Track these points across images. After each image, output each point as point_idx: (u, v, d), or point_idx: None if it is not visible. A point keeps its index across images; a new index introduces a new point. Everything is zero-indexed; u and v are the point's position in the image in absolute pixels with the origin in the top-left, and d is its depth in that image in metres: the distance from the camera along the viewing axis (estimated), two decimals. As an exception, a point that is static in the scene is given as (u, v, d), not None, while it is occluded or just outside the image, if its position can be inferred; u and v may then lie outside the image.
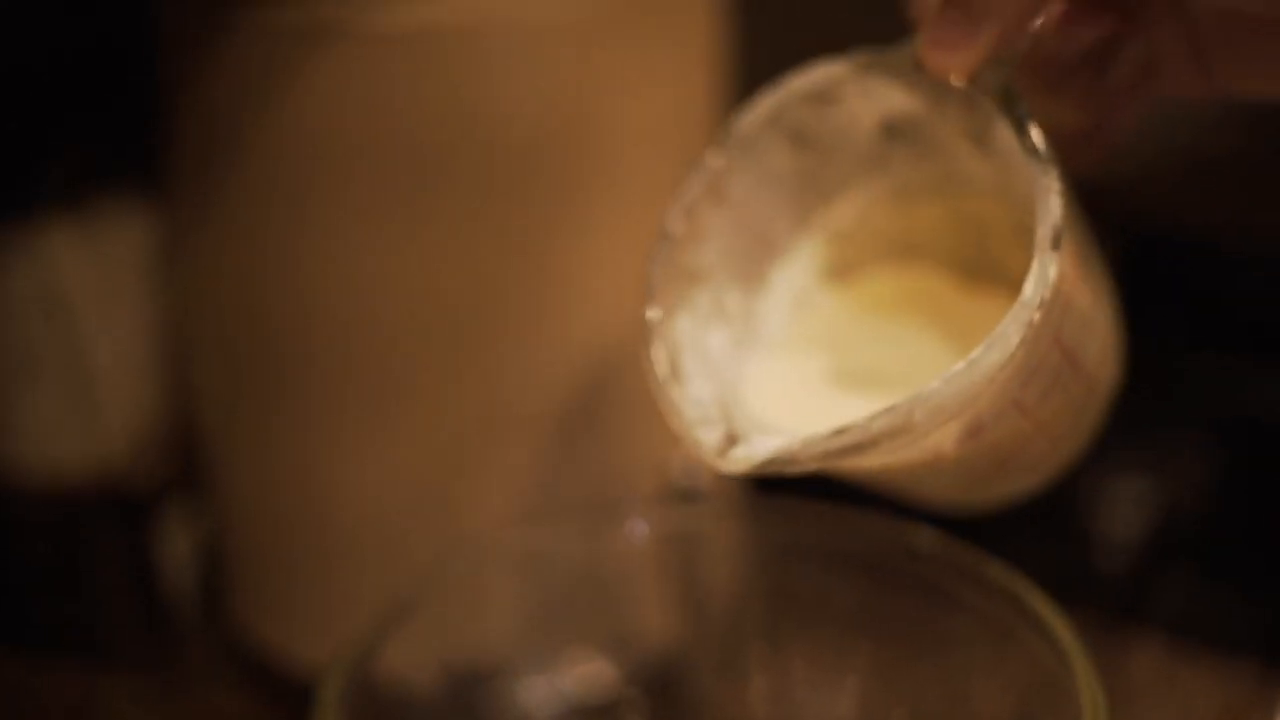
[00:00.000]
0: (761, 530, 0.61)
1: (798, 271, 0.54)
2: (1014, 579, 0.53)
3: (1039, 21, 0.49)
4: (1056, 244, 0.45)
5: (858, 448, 0.46)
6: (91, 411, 0.74)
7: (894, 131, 0.52)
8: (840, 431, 0.46)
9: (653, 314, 0.51)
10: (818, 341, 0.54)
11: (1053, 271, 0.45)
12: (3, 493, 0.75)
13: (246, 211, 0.65)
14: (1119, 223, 0.83)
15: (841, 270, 0.54)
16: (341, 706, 0.50)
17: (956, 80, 0.48)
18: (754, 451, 0.48)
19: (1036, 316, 0.45)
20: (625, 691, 0.65)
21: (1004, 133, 0.48)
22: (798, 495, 0.59)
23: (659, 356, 0.50)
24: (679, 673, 0.65)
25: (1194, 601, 0.76)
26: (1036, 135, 0.47)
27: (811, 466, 0.47)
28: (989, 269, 0.53)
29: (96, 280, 0.73)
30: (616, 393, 0.65)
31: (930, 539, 0.55)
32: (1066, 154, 0.48)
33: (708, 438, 0.49)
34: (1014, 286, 0.46)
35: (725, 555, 0.63)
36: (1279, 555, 0.76)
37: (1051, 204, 0.46)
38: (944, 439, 0.47)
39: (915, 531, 0.55)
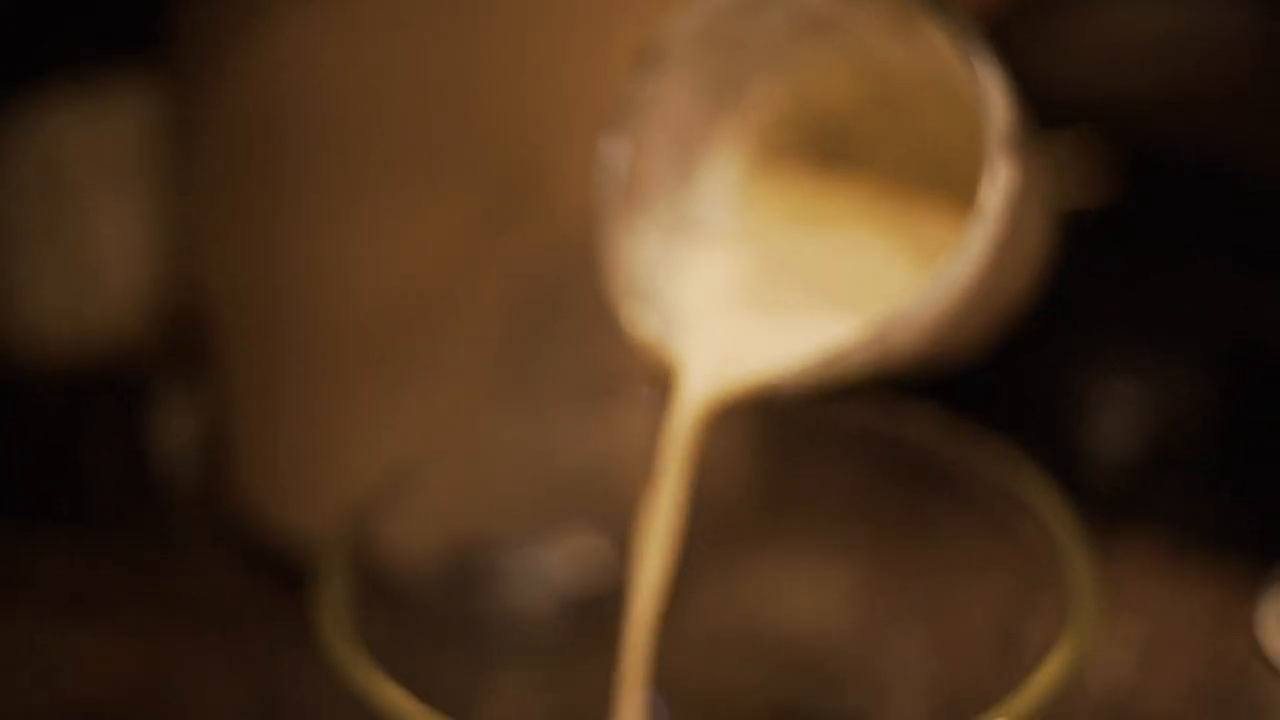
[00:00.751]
0: (759, 414, 0.62)
1: (727, 172, 0.55)
2: (1010, 459, 0.53)
3: None
4: (1010, 147, 0.46)
5: (832, 366, 0.47)
6: (91, 290, 0.75)
7: (818, 29, 0.52)
8: (826, 359, 0.47)
9: (605, 235, 0.52)
10: (752, 240, 0.54)
11: (1006, 177, 0.45)
12: (2, 370, 0.76)
13: (258, 91, 0.65)
14: (1127, 141, 0.84)
15: (770, 168, 0.54)
16: (345, 571, 0.51)
17: None
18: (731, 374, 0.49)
19: (996, 228, 0.46)
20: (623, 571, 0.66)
21: (932, 30, 0.48)
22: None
23: (619, 283, 0.51)
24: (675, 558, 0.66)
25: (1188, 505, 0.77)
26: (970, 29, 0.47)
27: (786, 388, 0.48)
28: (919, 160, 0.53)
29: (98, 158, 0.74)
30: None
31: (930, 420, 0.56)
32: None
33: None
34: (947, 172, 0.47)
35: (724, 439, 0.64)
36: (1274, 461, 0.77)
37: (998, 105, 0.46)
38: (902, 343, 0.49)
39: (915, 413, 0.56)
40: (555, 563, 0.66)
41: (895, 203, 0.53)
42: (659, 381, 0.64)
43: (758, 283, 0.54)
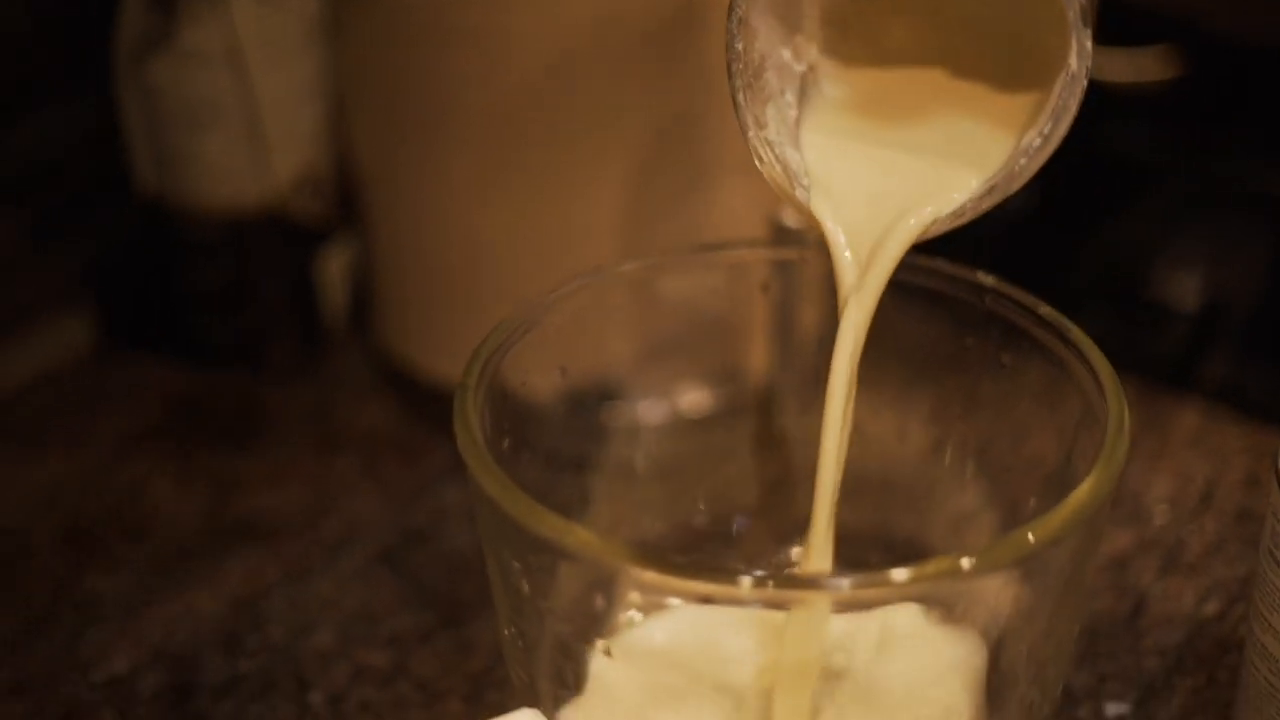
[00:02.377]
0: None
1: (823, 42, 0.61)
2: (1061, 321, 0.59)
3: None
4: (1087, 20, 0.52)
5: (960, 217, 0.54)
6: (262, 152, 0.81)
7: None
8: (958, 213, 0.55)
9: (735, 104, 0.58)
10: (859, 107, 0.61)
11: (1089, 45, 0.52)
12: (183, 222, 0.82)
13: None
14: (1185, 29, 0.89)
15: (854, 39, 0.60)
16: (479, 398, 0.57)
17: None
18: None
19: (1084, 89, 0.53)
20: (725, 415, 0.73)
21: None
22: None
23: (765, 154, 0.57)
24: (771, 402, 0.73)
25: (1233, 373, 0.82)
26: None
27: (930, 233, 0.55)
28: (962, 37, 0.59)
29: (270, 38, 0.79)
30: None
31: (993, 280, 0.62)
32: None
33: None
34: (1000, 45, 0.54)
35: (817, 294, 0.70)
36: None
37: None
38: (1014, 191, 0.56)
39: (981, 275, 0.62)
40: (663, 404, 0.73)
41: (955, 70, 0.59)
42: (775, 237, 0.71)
43: (870, 140, 0.60)
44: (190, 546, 0.73)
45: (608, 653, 0.58)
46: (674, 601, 0.61)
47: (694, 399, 0.74)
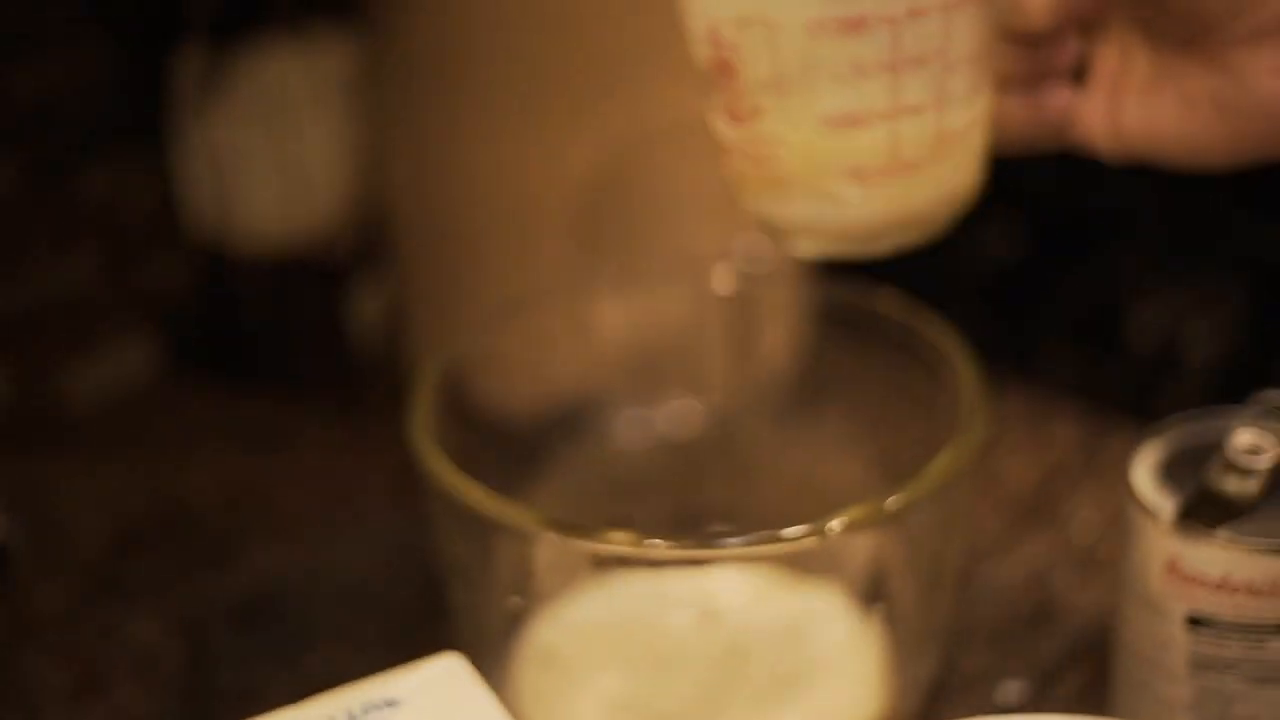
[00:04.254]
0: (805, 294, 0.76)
1: None
2: (943, 326, 0.68)
3: None
4: None
5: None
6: (302, 197, 0.90)
7: None
8: None
9: None
10: None
11: None
12: (230, 259, 0.92)
13: (429, 43, 0.81)
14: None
15: None
16: (432, 390, 0.66)
17: None
18: None
19: None
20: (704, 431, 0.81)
21: None
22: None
23: None
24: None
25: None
26: None
27: None
28: None
29: (309, 91, 0.88)
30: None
31: (891, 302, 0.70)
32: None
33: None
34: None
35: (779, 316, 0.78)
36: None
37: None
38: None
39: (880, 295, 0.71)
40: (634, 417, 0.81)
41: None
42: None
43: None
44: (220, 541, 0.83)
45: (555, 617, 0.67)
46: (614, 577, 0.69)
47: (654, 412, 0.82)
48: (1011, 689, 0.72)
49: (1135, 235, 0.99)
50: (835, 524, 0.59)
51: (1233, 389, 0.66)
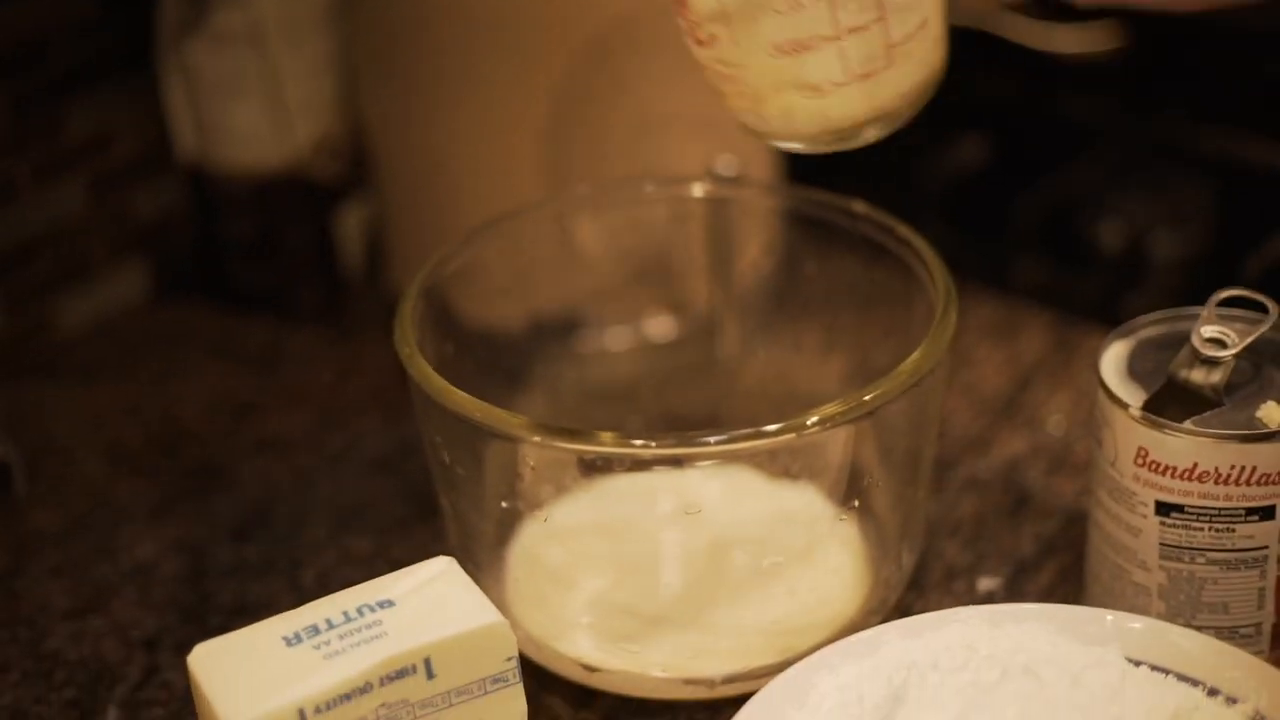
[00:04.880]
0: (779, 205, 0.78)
1: None
2: (912, 233, 0.70)
3: None
4: None
5: None
6: (284, 120, 0.91)
7: None
8: None
9: None
10: None
11: None
12: (214, 185, 0.94)
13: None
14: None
15: None
16: (419, 307, 0.68)
17: None
18: None
19: None
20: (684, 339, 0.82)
21: None
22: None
23: None
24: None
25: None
26: None
27: None
28: None
29: (290, 18, 0.90)
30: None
31: (864, 207, 0.72)
32: None
33: None
34: None
35: (754, 224, 0.80)
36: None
37: None
38: None
39: (855, 203, 0.73)
40: (616, 328, 0.83)
41: None
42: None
43: None
44: (213, 461, 0.84)
45: (545, 520, 0.69)
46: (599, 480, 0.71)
47: (635, 323, 0.84)
48: (990, 581, 0.74)
49: (1100, 145, 1.00)
50: (812, 420, 0.61)
51: (1198, 293, 0.68)
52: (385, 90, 0.89)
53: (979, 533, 0.76)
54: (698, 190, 0.78)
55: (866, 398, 0.62)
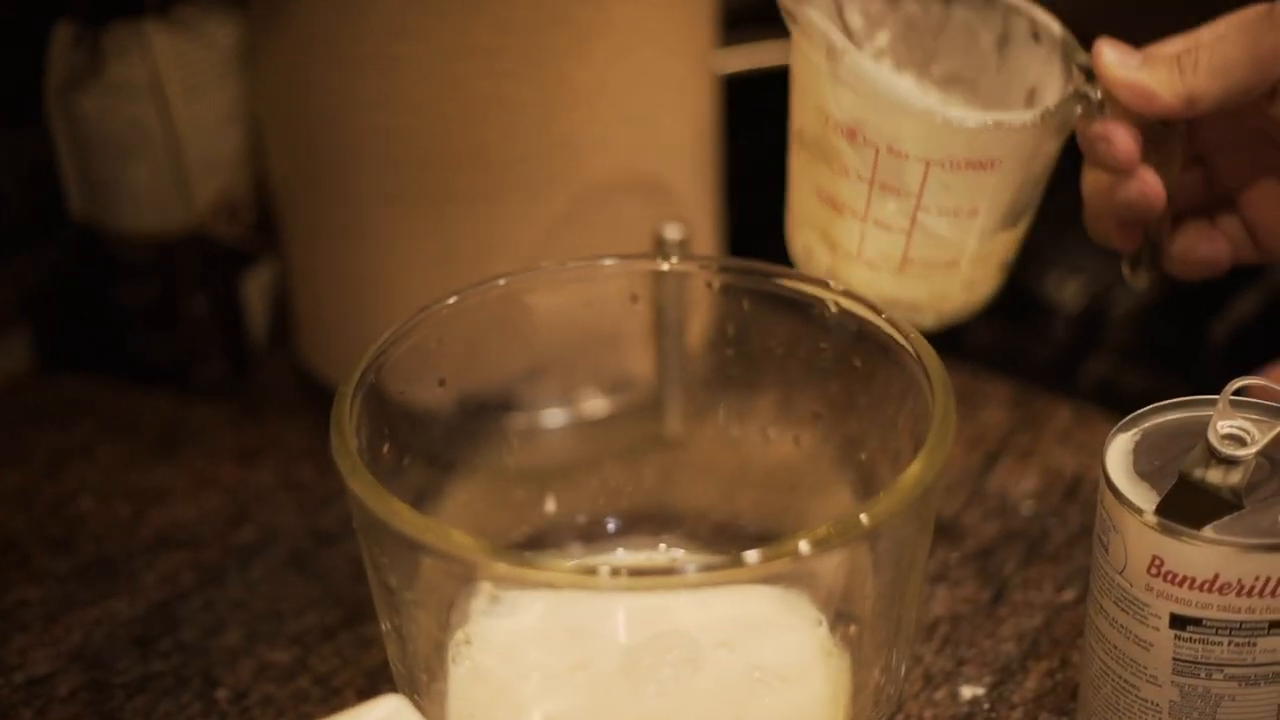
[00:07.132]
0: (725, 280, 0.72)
1: None
2: (901, 321, 0.64)
3: None
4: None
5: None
6: (183, 178, 0.85)
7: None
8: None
9: None
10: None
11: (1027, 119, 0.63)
12: (112, 246, 0.86)
13: (314, 23, 0.76)
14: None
15: None
16: (356, 405, 0.61)
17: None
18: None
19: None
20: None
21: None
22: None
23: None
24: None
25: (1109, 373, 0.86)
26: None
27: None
28: None
29: (189, 70, 0.83)
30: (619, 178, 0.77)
31: (843, 290, 0.66)
32: None
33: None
34: None
35: (696, 303, 0.74)
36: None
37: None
38: None
39: (832, 285, 0.67)
40: (540, 411, 0.77)
41: None
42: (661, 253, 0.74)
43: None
44: (111, 556, 0.77)
45: (468, 641, 0.62)
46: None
47: (573, 407, 0.78)
48: (972, 689, 0.68)
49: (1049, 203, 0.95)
50: (805, 545, 0.55)
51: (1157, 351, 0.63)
52: (291, 145, 0.82)
53: (956, 633, 0.71)
54: (644, 265, 0.71)
55: (862, 519, 0.56)
